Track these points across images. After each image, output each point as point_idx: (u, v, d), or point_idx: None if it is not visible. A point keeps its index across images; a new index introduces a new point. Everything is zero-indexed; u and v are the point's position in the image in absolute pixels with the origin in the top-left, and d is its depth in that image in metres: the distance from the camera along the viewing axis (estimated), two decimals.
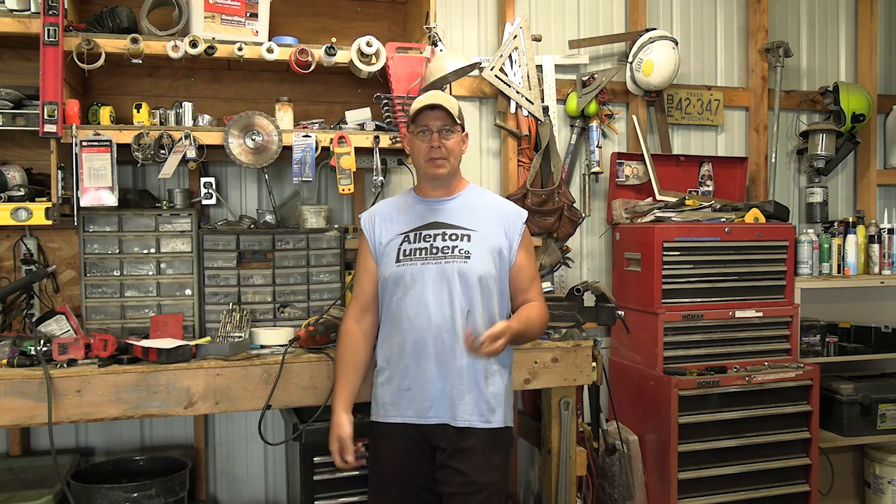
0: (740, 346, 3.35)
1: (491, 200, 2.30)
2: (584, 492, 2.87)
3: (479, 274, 2.13)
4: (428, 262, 2.14)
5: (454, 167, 2.20)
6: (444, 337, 2.11)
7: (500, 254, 2.19)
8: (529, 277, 2.26)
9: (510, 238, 2.21)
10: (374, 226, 2.27)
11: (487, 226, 2.20)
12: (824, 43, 4.02)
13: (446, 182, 2.22)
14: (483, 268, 2.14)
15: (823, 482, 3.54)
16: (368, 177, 2.91)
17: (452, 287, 2.11)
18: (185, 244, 2.71)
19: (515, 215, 2.26)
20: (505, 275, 2.21)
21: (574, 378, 2.57)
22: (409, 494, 2.16)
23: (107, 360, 2.24)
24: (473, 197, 2.27)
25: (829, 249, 3.65)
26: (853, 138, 3.87)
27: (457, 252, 2.14)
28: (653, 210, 3.37)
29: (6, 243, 2.74)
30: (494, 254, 2.17)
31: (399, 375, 2.16)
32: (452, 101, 2.19)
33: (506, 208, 2.28)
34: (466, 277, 2.12)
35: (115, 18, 2.57)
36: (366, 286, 2.26)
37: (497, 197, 2.36)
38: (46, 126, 2.34)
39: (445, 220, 2.20)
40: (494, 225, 2.21)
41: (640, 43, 3.47)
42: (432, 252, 2.15)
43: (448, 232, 2.18)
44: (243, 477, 3.15)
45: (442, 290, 2.12)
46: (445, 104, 2.14)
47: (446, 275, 2.12)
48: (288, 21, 2.97)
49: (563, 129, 3.54)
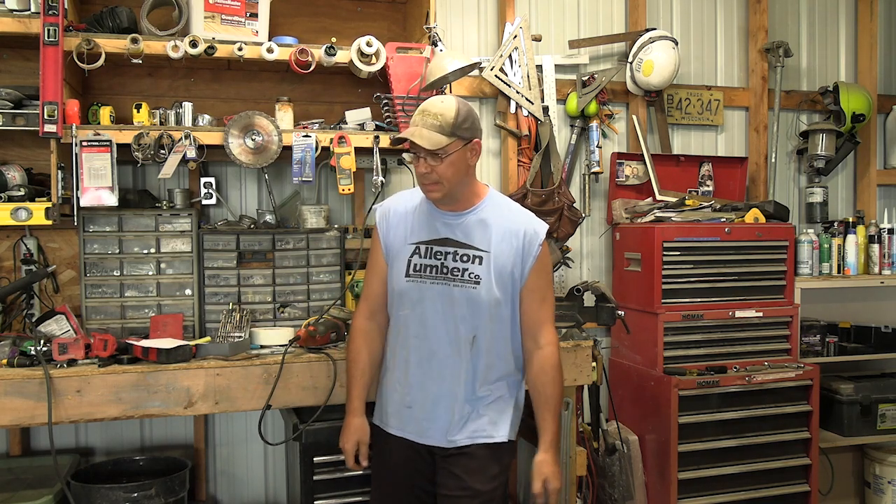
0: (740, 346, 3.35)
1: (507, 215, 2.11)
2: (584, 492, 2.87)
3: (488, 302, 2.04)
4: (437, 283, 2.06)
5: (451, 187, 2.01)
6: (448, 363, 2.07)
7: (511, 276, 2.07)
8: (539, 300, 2.11)
9: (524, 259, 2.07)
10: (388, 224, 2.16)
11: (500, 247, 2.06)
12: (824, 43, 4.02)
13: (450, 201, 2.06)
14: (492, 295, 2.04)
15: (823, 482, 3.54)
16: (368, 177, 2.91)
17: (459, 313, 2.04)
18: (185, 244, 2.71)
19: (533, 235, 2.08)
20: (516, 297, 2.10)
21: (574, 378, 2.57)
22: (411, 496, 2.16)
23: (107, 360, 2.24)
24: (490, 210, 2.09)
25: (829, 249, 3.65)
26: (853, 138, 3.87)
27: (467, 276, 2.04)
28: (653, 210, 3.37)
29: (6, 243, 2.74)
30: (506, 277, 2.06)
31: (402, 390, 2.13)
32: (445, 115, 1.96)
33: (522, 225, 2.09)
34: (474, 304, 2.04)
35: (115, 18, 2.57)
36: (376, 287, 2.19)
37: (515, 209, 2.15)
38: (46, 126, 2.34)
39: (458, 237, 2.07)
40: (507, 245, 2.06)
41: (640, 43, 3.47)
42: (442, 272, 2.06)
43: (460, 252, 2.06)
44: (243, 477, 3.15)
45: (448, 315, 2.05)
46: (425, 143, 1.94)
47: (454, 299, 2.04)
48: (288, 21, 2.97)
49: (563, 129, 3.54)
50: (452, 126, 1.96)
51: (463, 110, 1.99)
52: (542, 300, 2.11)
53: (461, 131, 1.98)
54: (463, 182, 2.04)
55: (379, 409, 2.22)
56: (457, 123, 1.96)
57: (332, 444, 2.46)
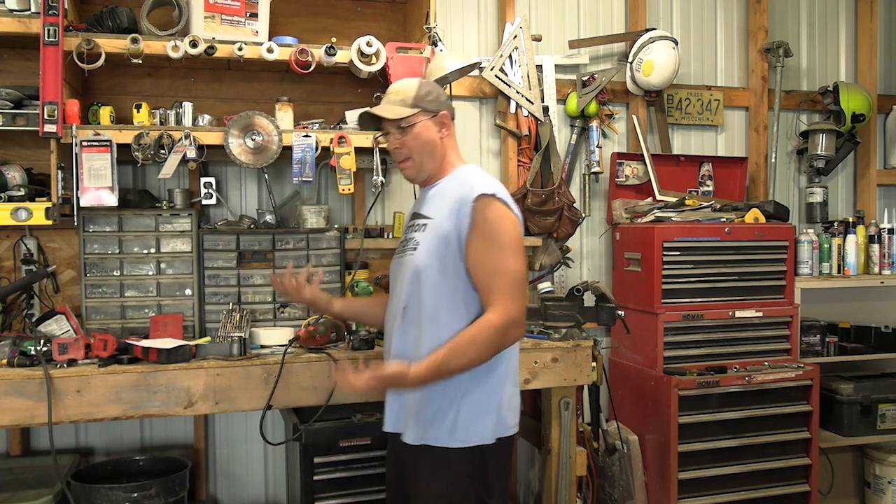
0: (740, 346, 3.35)
1: (458, 182, 1.96)
2: (584, 492, 2.88)
3: (420, 267, 1.90)
4: (399, 256, 2.04)
5: (422, 162, 1.98)
6: (392, 337, 2.00)
7: (447, 242, 1.88)
8: (487, 272, 1.85)
9: (459, 222, 1.87)
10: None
11: (440, 211, 1.93)
12: (824, 43, 4.02)
13: (424, 176, 2.02)
14: (425, 261, 1.89)
15: (823, 482, 3.54)
16: (368, 177, 2.91)
17: (402, 282, 1.96)
18: (185, 244, 2.71)
19: (467, 194, 1.88)
20: (458, 266, 1.88)
21: (574, 378, 2.57)
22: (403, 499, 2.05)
23: (107, 360, 2.24)
24: (450, 182, 1.99)
25: (829, 249, 3.65)
26: (853, 138, 3.87)
27: (411, 244, 1.97)
28: (653, 210, 3.37)
29: (6, 243, 2.74)
30: (441, 243, 1.89)
31: None
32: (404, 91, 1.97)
33: (463, 189, 1.91)
34: (411, 271, 1.93)
35: (115, 18, 2.57)
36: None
37: (470, 178, 1.95)
38: (46, 126, 2.34)
39: (418, 209, 2.05)
40: (447, 210, 1.90)
41: (640, 43, 3.47)
42: (403, 245, 2.04)
43: (416, 223, 2.01)
44: (243, 477, 3.15)
45: (397, 286, 2.00)
46: (386, 114, 1.95)
47: (402, 269, 1.98)
48: (288, 21, 2.97)
49: (563, 129, 3.54)
50: (414, 98, 1.96)
51: (425, 85, 2.00)
52: (491, 272, 1.84)
53: (424, 103, 1.96)
54: (434, 156, 1.99)
55: None
56: (419, 96, 1.96)
57: (332, 444, 2.46)
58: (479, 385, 1.90)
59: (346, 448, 2.50)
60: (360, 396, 2.20)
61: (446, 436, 1.87)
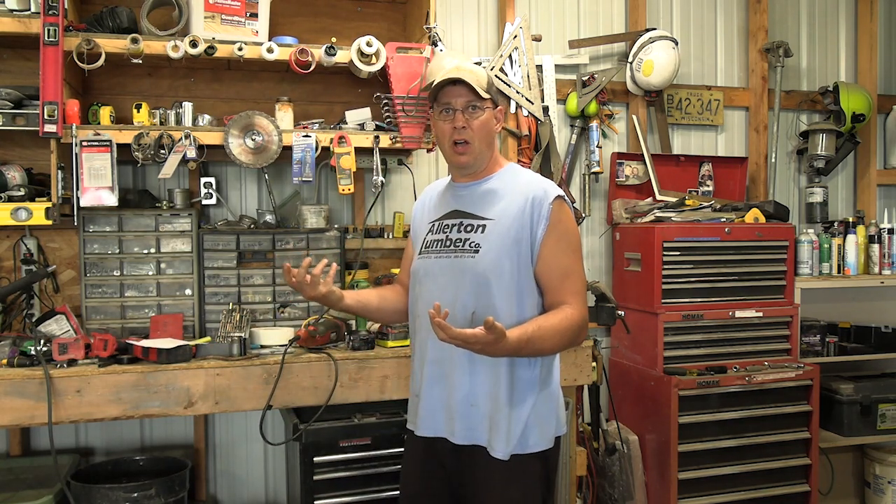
0: (740, 346, 3.35)
1: (522, 182, 1.90)
2: (584, 492, 2.88)
3: (488, 271, 1.82)
4: (441, 257, 1.90)
5: (481, 151, 1.89)
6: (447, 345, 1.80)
7: (519, 245, 1.84)
8: (560, 274, 1.84)
9: (533, 224, 1.84)
10: (417, 211, 2.09)
11: (506, 212, 1.85)
12: (824, 43, 4.02)
13: (474, 169, 1.92)
14: (493, 264, 1.82)
15: (823, 482, 3.54)
16: (368, 177, 2.91)
17: (459, 286, 1.84)
18: (185, 244, 2.71)
19: (542, 195, 1.84)
20: (528, 268, 1.85)
21: (574, 378, 2.57)
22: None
23: (107, 360, 2.24)
24: (504, 179, 1.92)
25: (829, 249, 3.65)
26: (853, 138, 3.87)
27: (467, 245, 1.86)
28: (653, 210, 3.37)
29: (6, 243, 2.74)
30: (511, 246, 1.83)
31: (413, 378, 2.00)
32: (479, 73, 1.87)
33: (533, 189, 1.86)
34: (474, 275, 1.83)
35: (115, 18, 2.57)
36: (402, 277, 2.13)
37: (534, 177, 1.93)
38: (46, 126, 2.34)
39: (465, 208, 1.92)
40: (516, 210, 1.84)
41: (640, 43, 3.47)
42: (446, 245, 1.90)
43: (465, 222, 1.90)
44: (243, 477, 3.15)
45: (447, 289, 1.86)
46: (469, 78, 1.83)
47: (455, 271, 1.86)
48: (288, 21, 2.97)
49: (563, 129, 3.54)
50: (488, 85, 1.88)
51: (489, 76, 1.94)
52: (564, 275, 1.84)
53: (493, 92, 1.90)
54: (491, 148, 1.93)
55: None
56: (490, 83, 1.89)
57: (332, 444, 2.46)
58: (546, 388, 1.91)
59: (346, 448, 2.50)
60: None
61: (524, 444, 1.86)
